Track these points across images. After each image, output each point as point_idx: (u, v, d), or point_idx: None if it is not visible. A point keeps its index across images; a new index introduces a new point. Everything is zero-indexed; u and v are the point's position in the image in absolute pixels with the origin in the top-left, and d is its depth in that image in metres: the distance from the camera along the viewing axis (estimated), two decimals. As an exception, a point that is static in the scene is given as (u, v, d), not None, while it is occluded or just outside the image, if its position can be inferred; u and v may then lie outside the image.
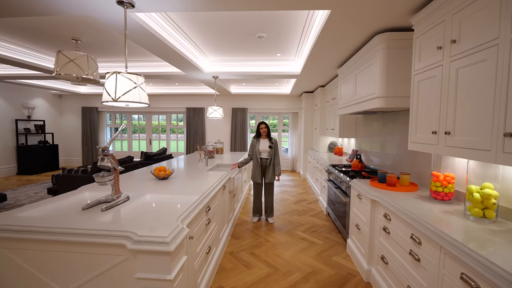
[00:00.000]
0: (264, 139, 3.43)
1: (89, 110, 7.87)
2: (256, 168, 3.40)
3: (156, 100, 7.73)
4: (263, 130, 3.40)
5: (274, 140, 3.45)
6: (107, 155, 1.68)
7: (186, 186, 2.22)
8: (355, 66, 2.97)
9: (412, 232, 1.55)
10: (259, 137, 3.45)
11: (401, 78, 2.26)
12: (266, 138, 3.43)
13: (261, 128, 3.41)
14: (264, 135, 3.42)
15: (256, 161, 3.40)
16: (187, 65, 3.95)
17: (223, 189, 2.59)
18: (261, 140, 3.43)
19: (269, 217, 3.53)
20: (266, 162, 3.41)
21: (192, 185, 2.25)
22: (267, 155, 3.40)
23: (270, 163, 3.42)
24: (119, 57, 4.29)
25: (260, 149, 3.38)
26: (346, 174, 2.90)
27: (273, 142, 3.41)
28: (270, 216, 3.53)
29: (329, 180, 3.58)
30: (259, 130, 3.43)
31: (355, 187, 2.45)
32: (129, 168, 3.89)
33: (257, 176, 3.40)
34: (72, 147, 8.11)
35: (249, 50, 3.78)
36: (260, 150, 3.38)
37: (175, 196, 1.89)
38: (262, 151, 3.38)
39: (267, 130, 3.40)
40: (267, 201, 3.52)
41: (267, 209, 3.54)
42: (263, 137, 3.44)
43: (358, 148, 3.99)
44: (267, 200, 3.52)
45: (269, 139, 3.42)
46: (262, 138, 3.44)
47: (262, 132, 3.40)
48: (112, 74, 1.76)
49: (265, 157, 3.41)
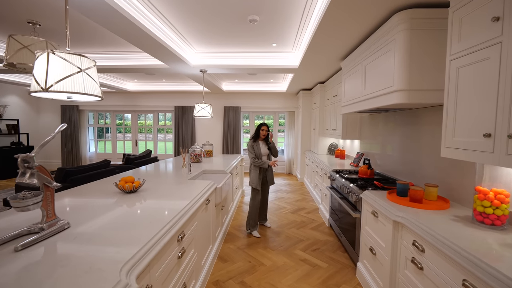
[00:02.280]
0: (261, 141, 3.19)
1: (69, 109, 7.27)
2: (255, 173, 3.09)
3: (141, 98, 7.17)
4: (264, 133, 3.12)
5: (272, 141, 3.22)
6: (32, 167, 1.18)
7: (157, 202, 1.73)
8: (365, 56, 2.52)
9: (465, 278, 1.09)
10: (256, 139, 3.15)
11: (429, 67, 1.82)
12: (263, 140, 3.19)
13: (263, 130, 3.12)
14: (263, 137, 3.16)
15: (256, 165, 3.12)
16: (170, 57, 3.44)
17: (207, 204, 2.11)
18: (260, 142, 3.17)
19: (265, 221, 3.36)
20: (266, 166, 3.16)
21: (164, 201, 1.75)
22: (266, 158, 3.20)
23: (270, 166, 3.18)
24: (91, 46, 3.75)
25: (261, 152, 3.14)
26: (354, 183, 2.45)
27: (270, 143, 3.17)
28: (265, 220, 3.38)
29: (332, 188, 3.13)
30: (259, 131, 3.13)
31: (369, 201, 2.00)
32: (102, 175, 3.37)
33: (256, 182, 3.08)
34: (50, 149, 7.48)
35: (240, 39, 3.30)
36: (262, 153, 3.14)
37: (136, 221, 1.39)
38: (263, 154, 3.16)
39: (267, 133, 3.15)
40: (264, 203, 3.32)
41: (262, 212, 3.34)
42: (261, 139, 3.18)
43: (364, 151, 3.55)
44: (263, 202, 3.31)
45: (266, 141, 3.19)
46: (259, 140, 3.18)
47: (263, 135, 3.13)
48: (42, 54, 1.25)
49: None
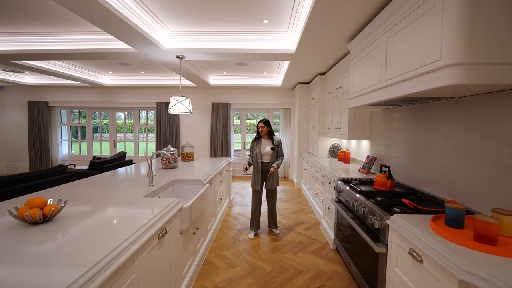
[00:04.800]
0: (266, 139, 2.98)
1: (37, 105, 6.45)
2: (256, 174, 2.94)
3: (119, 93, 6.41)
4: (261, 129, 2.92)
5: (278, 140, 2.98)
6: None
7: (74, 243, 1.02)
8: (386, 27, 1.86)
9: None
10: (260, 138, 2.99)
11: (503, 27, 1.16)
12: (268, 138, 2.98)
13: (260, 127, 2.93)
14: (264, 134, 2.95)
15: (256, 165, 2.94)
16: (135, 36, 2.73)
17: (160, 237, 1.41)
18: (262, 140, 2.98)
19: (273, 227, 3.09)
20: (268, 167, 2.95)
21: (78, 245, 1.05)
22: (269, 158, 2.95)
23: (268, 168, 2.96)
24: (28, 25, 2.99)
25: (261, 152, 2.92)
26: (371, 199, 1.80)
27: (276, 143, 2.94)
28: (274, 227, 3.08)
29: (339, 201, 2.46)
30: (258, 129, 2.96)
31: (403, 233, 1.33)
32: (47, 185, 2.65)
33: (257, 183, 2.94)
34: (16, 150, 6.65)
35: (224, 12, 2.61)
36: (262, 153, 2.93)
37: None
38: (264, 153, 2.93)
39: (267, 128, 2.92)
40: (270, 207, 3.05)
41: (270, 217, 3.08)
42: (264, 137, 2.98)
43: (375, 154, 2.90)
44: (270, 206, 3.05)
45: (271, 140, 2.96)
46: (263, 139, 2.99)
47: (261, 131, 2.93)
48: None
49: (267, 161, 2.96)
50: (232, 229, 3.14)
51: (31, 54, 3.44)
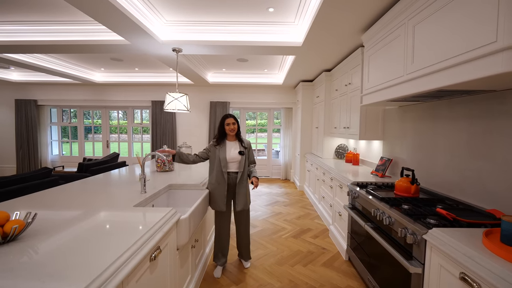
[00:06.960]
0: (232, 141, 2.18)
1: (25, 104, 6.12)
2: (218, 189, 2.09)
3: (112, 91, 6.10)
4: (230, 127, 2.11)
5: (247, 142, 2.23)
6: None
7: (37, 274, 0.76)
8: (412, 11, 1.64)
9: None
10: (223, 139, 2.16)
11: None
12: (236, 139, 2.19)
13: (228, 125, 2.11)
14: (232, 135, 2.16)
15: (219, 176, 2.08)
16: (127, 25, 2.46)
17: (153, 259, 1.15)
18: (227, 143, 2.15)
19: (245, 259, 2.31)
20: (237, 178, 2.12)
21: (58, 268, 0.79)
22: (237, 166, 2.12)
23: (243, 177, 2.12)
24: (8, 13, 2.70)
25: (226, 158, 2.09)
26: (397, 206, 1.56)
27: (245, 145, 2.18)
28: (247, 259, 2.31)
29: (354, 207, 2.23)
30: (224, 126, 2.13)
31: (450, 252, 1.09)
32: (25, 191, 2.36)
33: (220, 201, 2.09)
34: (2, 151, 6.30)
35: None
36: (227, 160, 2.09)
37: None
38: (231, 160, 2.09)
39: (236, 127, 2.13)
40: (242, 235, 2.29)
41: (241, 247, 2.31)
42: (231, 138, 2.18)
43: (390, 156, 2.68)
44: (241, 234, 2.29)
45: (240, 142, 2.18)
46: (228, 140, 2.17)
47: (230, 130, 2.11)
48: None
49: (234, 170, 2.12)
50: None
51: (13, 46, 3.14)
